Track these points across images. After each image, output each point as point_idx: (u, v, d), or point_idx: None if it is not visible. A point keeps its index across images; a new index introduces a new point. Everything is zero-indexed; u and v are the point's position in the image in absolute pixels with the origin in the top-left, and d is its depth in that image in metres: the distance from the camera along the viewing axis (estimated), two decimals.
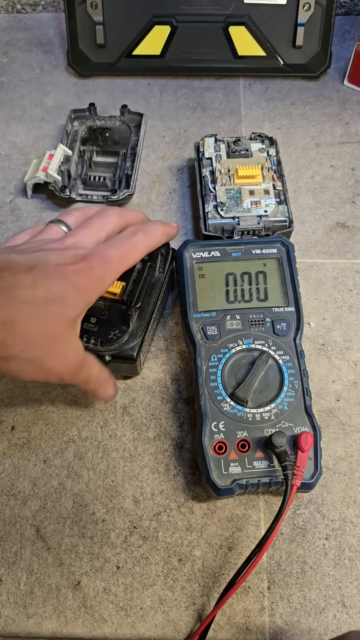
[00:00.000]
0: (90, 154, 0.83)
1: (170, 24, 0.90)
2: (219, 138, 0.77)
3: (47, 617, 0.54)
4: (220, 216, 0.70)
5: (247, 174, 0.73)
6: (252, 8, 0.88)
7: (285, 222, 0.71)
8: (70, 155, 0.80)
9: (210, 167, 0.75)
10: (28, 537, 0.58)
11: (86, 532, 0.58)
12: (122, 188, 0.79)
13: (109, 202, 0.78)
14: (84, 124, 0.85)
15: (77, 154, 0.82)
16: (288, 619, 0.54)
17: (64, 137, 0.83)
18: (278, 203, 0.71)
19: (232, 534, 0.57)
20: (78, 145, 0.83)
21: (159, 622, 0.54)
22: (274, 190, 0.72)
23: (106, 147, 0.83)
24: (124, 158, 0.82)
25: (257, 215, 0.70)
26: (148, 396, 0.65)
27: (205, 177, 0.74)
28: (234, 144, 0.76)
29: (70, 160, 0.80)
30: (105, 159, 0.84)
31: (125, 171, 0.80)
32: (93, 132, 0.84)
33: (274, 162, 0.75)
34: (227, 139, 0.77)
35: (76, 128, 0.84)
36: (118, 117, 0.85)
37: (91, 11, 0.89)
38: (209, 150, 0.76)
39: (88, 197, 0.80)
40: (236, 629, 0.53)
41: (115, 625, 0.54)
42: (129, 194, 0.78)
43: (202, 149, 0.77)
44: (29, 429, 0.63)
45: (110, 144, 0.83)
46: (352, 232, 0.77)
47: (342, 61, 0.95)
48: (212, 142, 0.77)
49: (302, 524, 0.58)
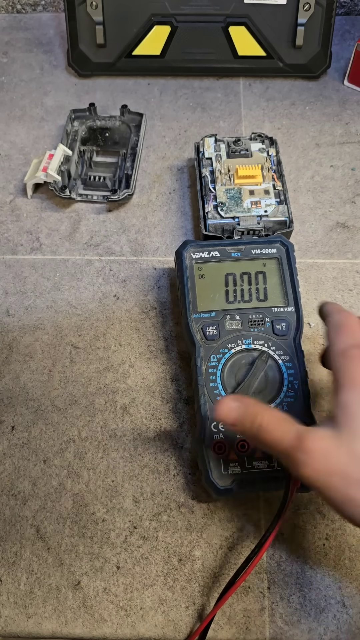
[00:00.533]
0: (90, 154, 0.83)
1: (170, 23, 0.90)
2: (219, 138, 0.77)
3: (47, 617, 0.54)
4: (220, 216, 0.70)
5: (247, 174, 0.73)
6: (252, 8, 0.88)
7: (285, 222, 0.71)
8: (70, 155, 0.80)
9: (210, 167, 0.75)
10: (28, 537, 0.58)
11: (86, 532, 0.58)
12: (122, 188, 0.79)
13: (109, 202, 0.78)
14: (84, 124, 0.85)
15: (77, 154, 0.82)
16: (288, 619, 0.54)
17: (63, 137, 0.83)
18: (278, 203, 0.71)
19: (232, 534, 0.57)
20: (78, 145, 0.83)
21: (159, 622, 0.54)
22: (274, 190, 0.72)
23: (106, 147, 0.83)
24: (123, 158, 0.82)
25: (257, 215, 0.70)
26: (148, 396, 0.65)
27: (205, 177, 0.74)
28: (234, 144, 0.76)
29: (70, 160, 0.80)
30: (105, 159, 0.84)
31: (125, 171, 0.80)
32: (93, 132, 0.84)
33: (274, 162, 0.75)
34: (227, 139, 0.77)
35: (76, 128, 0.85)
36: (118, 117, 0.85)
37: (91, 11, 0.89)
38: (209, 151, 0.76)
39: (88, 197, 0.80)
40: (236, 629, 0.53)
41: (115, 625, 0.54)
42: (129, 194, 0.78)
43: (202, 149, 0.76)
44: (29, 429, 0.63)
45: (110, 144, 0.83)
46: (352, 232, 0.77)
47: (342, 61, 0.95)
48: (212, 142, 0.77)
49: (302, 524, 0.58)
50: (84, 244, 0.77)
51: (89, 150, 0.83)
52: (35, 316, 0.71)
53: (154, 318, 0.70)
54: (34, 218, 0.80)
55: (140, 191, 0.81)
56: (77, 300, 0.72)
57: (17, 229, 0.79)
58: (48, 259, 0.76)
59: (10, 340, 0.69)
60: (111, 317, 0.71)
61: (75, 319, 0.71)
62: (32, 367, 0.67)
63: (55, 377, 0.67)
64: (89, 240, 0.77)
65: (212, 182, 0.73)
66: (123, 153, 0.82)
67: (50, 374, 0.67)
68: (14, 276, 0.74)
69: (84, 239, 0.77)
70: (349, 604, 0.54)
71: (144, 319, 0.70)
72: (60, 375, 0.67)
